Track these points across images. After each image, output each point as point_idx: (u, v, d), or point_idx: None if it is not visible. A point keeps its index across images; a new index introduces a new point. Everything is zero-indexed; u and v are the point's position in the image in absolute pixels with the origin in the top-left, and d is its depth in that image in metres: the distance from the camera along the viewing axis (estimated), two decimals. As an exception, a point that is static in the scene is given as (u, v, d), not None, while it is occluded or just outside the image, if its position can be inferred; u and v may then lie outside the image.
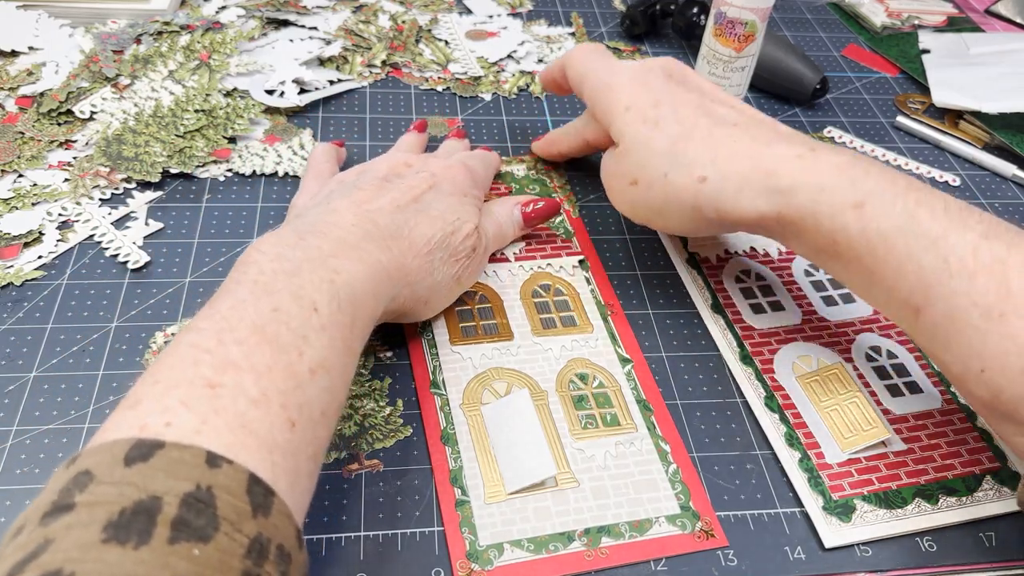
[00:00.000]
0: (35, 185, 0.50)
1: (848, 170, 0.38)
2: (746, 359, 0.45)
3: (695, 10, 0.68)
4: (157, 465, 0.25)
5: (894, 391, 0.44)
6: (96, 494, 0.25)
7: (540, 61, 0.67)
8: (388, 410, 0.41)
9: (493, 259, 0.49)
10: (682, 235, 0.44)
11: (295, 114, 0.59)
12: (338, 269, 0.35)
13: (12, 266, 0.46)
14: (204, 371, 0.29)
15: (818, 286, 0.50)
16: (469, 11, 0.72)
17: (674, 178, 0.41)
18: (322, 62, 0.63)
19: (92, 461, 0.26)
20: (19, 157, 0.52)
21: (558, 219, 0.52)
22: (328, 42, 0.65)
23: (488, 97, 0.63)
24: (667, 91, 0.44)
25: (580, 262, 0.50)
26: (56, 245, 0.47)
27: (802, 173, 0.38)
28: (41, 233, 0.48)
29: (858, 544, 0.38)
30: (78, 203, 0.50)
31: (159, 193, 0.52)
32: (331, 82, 0.61)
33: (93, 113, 0.55)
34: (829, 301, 0.49)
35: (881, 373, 0.45)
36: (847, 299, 0.49)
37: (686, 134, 0.41)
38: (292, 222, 0.40)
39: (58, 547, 0.23)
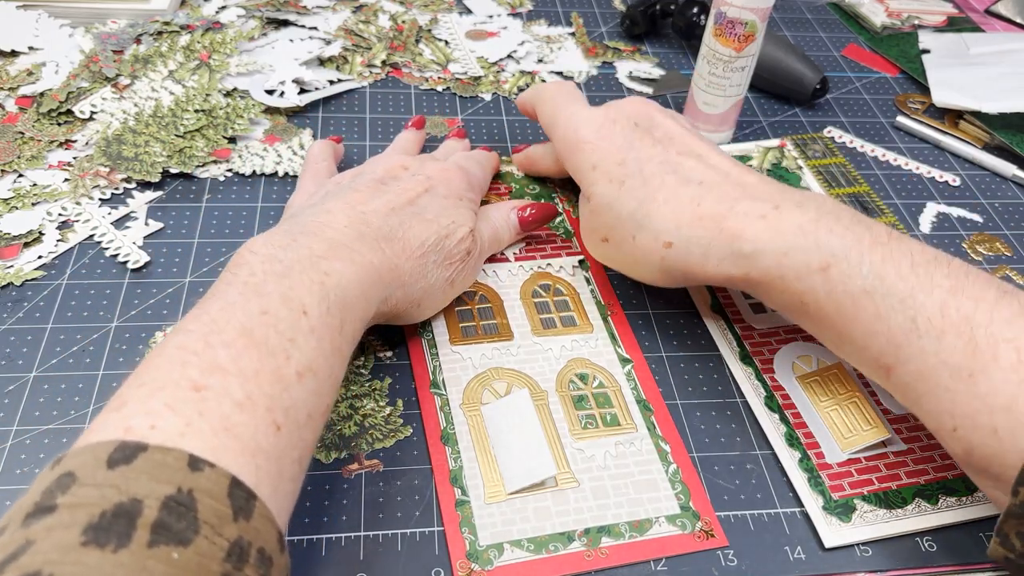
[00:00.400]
0: (35, 185, 0.50)
1: (812, 231, 0.37)
2: (746, 359, 0.45)
3: (695, 10, 0.68)
4: (139, 468, 0.25)
5: (894, 391, 0.44)
6: (78, 496, 0.25)
7: (540, 61, 0.67)
8: (388, 410, 0.41)
9: (493, 259, 0.49)
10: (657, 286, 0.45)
11: (295, 114, 0.59)
12: (328, 271, 0.35)
13: (12, 266, 0.46)
14: (191, 373, 0.29)
15: (818, 286, 0.49)
16: (469, 11, 0.72)
17: (641, 241, 0.41)
18: (322, 62, 0.63)
19: (76, 463, 0.26)
20: (19, 157, 0.52)
21: (558, 219, 0.52)
22: (328, 42, 0.65)
23: (488, 97, 0.63)
24: (633, 146, 0.43)
25: (580, 262, 0.50)
26: (56, 245, 0.47)
27: (766, 236, 0.38)
28: (41, 233, 0.48)
29: (858, 544, 0.38)
30: (78, 203, 0.50)
31: (159, 193, 0.52)
32: (331, 82, 0.61)
33: (93, 113, 0.55)
34: (829, 301, 0.49)
35: (881, 373, 0.45)
36: (847, 299, 0.49)
37: (651, 196, 0.41)
38: (285, 223, 0.40)
39: (38, 549, 0.23)
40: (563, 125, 0.46)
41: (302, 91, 0.60)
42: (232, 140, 0.55)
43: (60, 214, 0.49)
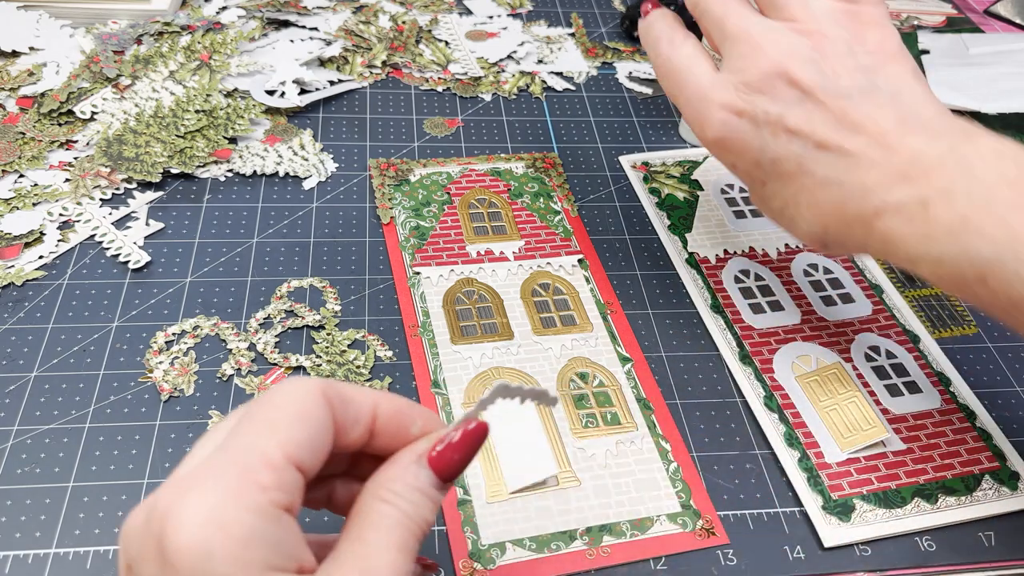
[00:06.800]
0: (36, 185, 0.50)
1: (962, 233, 0.32)
2: (745, 359, 0.45)
3: (695, 11, 0.68)
4: None
5: (893, 391, 0.44)
6: None
7: (540, 61, 0.67)
8: (389, 410, 0.41)
9: (493, 258, 0.49)
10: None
11: (295, 114, 0.59)
12: None
13: (13, 266, 0.46)
14: None
15: (817, 286, 0.50)
16: (469, 11, 0.72)
17: (798, 231, 0.39)
18: (322, 62, 0.64)
19: None
20: (20, 157, 0.52)
21: (557, 218, 0.52)
22: (328, 42, 0.65)
23: (488, 97, 0.63)
24: (766, 146, 0.37)
25: (579, 261, 0.50)
26: (57, 245, 0.47)
27: (914, 242, 0.34)
28: (42, 233, 0.48)
29: (857, 543, 0.38)
30: (79, 203, 0.50)
31: (160, 193, 0.52)
32: (331, 82, 0.62)
33: (94, 113, 0.55)
34: (828, 301, 0.49)
35: (880, 373, 0.45)
36: (846, 299, 0.49)
37: (793, 199, 0.38)
38: None
39: None
40: (691, 94, 0.39)
41: (302, 91, 0.60)
42: (233, 140, 0.55)
43: (61, 214, 0.49)
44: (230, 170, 0.54)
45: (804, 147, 0.36)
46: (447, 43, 0.67)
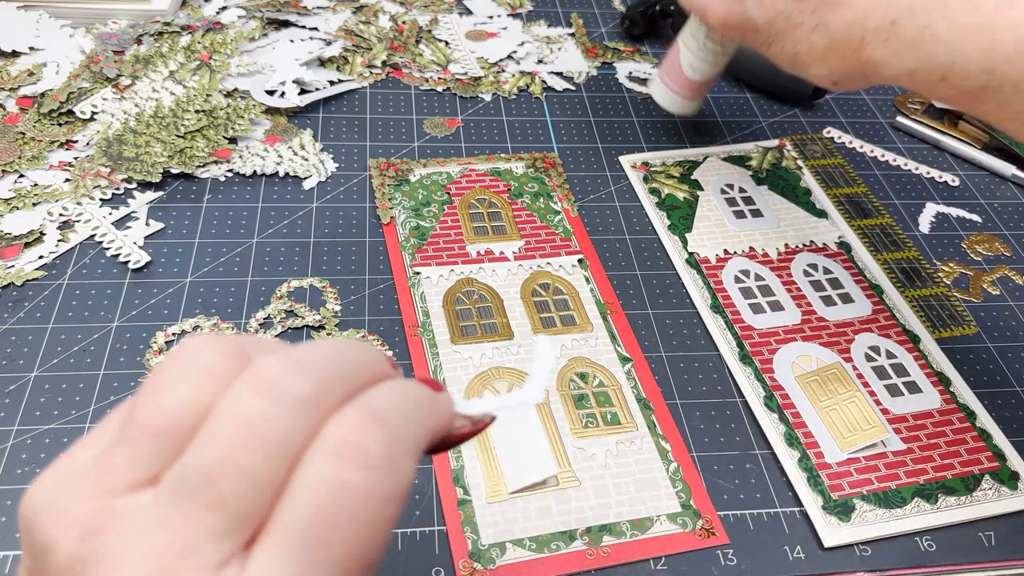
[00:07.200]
0: (36, 185, 0.50)
1: (921, 43, 0.38)
2: (745, 359, 0.45)
3: (695, 11, 0.68)
4: None
5: (893, 391, 0.44)
6: None
7: (540, 61, 0.67)
8: (389, 410, 0.41)
9: (493, 258, 0.49)
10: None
11: (295, 114, 0.59)
12: None
13: (13, 266, 0.46)
14: None
15: (817, 286, 0.50)
16: (469, 11, 0.72)
17: (811, 77, 0.45)
18: (322, 62, 0.64)
19: None
20: (20, 157, 0.52)
21: (557, 218, 0.52)
22: (328, 43, 0.65)
23: (488, 97, 0.63)
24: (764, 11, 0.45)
25: (579, 261, 0.50)
26: (57, 245, 0.47)
27: (894, 60, 0.39)
28: (42, 233, 0.48)
29: (857, 543, 0.38)
30: (79, 203, 0.50)
31: (160, 193, 0.52)
32: (331, 82, 0.62)
33: (94, 113, 0.55)
34: (828, 301, 0.49)
35: (880, 373, 0.45)
36: (846, 299, 0.49)
37: (794, 54, 0.45)
38: None
39: None
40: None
41: (302, 91, 0.60)
42: (233, 140, 0.55)
43: (61, 214, 0.49)
44: (230, 170, 0.54)
45: (786, 4, 0.43)
46: (447, 43, 0.67)
